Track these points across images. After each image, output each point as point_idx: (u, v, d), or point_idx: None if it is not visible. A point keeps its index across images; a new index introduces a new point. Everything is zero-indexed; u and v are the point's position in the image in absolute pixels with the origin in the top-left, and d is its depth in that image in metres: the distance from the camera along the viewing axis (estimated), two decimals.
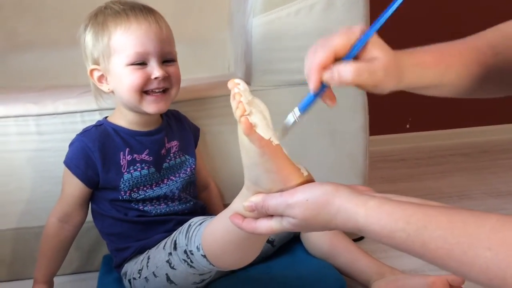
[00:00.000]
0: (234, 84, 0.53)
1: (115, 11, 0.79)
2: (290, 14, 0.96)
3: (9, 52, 1.40)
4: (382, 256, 1.05)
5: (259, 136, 0.52)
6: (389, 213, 0.46)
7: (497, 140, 1.91)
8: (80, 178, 0.82)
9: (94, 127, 0.85)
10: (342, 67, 0.50)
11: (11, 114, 0.95)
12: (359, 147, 1.06)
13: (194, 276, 0.74)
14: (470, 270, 0.41)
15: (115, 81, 0.81)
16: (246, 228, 0.57)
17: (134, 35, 0.77)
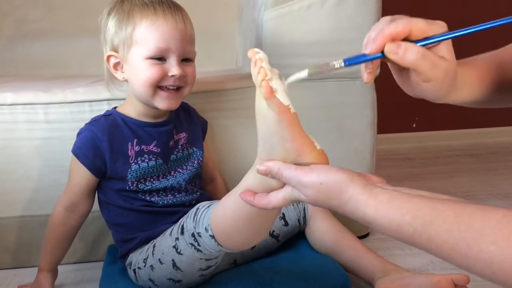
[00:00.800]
0: (254, 52, 0.54)
1: (143, 2, 0.79)
2: (301, 8, 0.95)
3: (19, 40, 1.40)
4: (386, 254, 1.05)
5: (279, 101, 0.52)
6: (397, 207, 0.47)
7: (505, 141, 1.90)
8: (87, 167, 0.82)
9: (103, 117, 0.85)
10: (410, 46, 0.50)
11: (20, 102, 0.95)
12: (366, 144, 1.06)
13: (200, 261, 0.74)
14: (475, 264, 0.42)
15: (131, 72, 0.81)
16: (258, 203, 0.57)
17: (159, 30, 0.77)
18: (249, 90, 0.99)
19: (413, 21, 0.51)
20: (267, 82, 0.51)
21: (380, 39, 0.50)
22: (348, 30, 0.98)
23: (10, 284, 0.97)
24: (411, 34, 0.51)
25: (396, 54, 0.50)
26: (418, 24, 0.51)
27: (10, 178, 0.97)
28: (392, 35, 0.50)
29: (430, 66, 0.50)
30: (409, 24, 0.50)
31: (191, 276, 0.77)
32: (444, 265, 0.98)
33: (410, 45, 0.50)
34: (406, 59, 0.50)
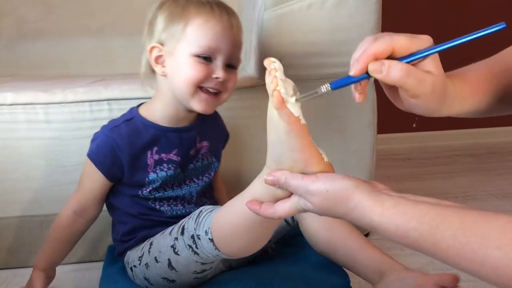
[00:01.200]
0: (270, 62, 0.54)
1: (200, 0, 0.78)
2: (302, 8, 0.95)
3: (19, 40, 1.40)
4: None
5: (289, 111, 0.52)
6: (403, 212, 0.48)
7: (505, 141, 1.90)
8: (104, 173, 0.80)
9: (124, 122, 0.81)
10: (394, 63, 0.50)
11: (20, 102, 0.95)
12: (366, 144, 1.06)
13: (196, 264, 0.74)
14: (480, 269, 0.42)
15: (174, 67, 0.78)
16: (264, 213, 0.58)
17: (212, 29, 0.75)
18: (248, 91, 0.99)
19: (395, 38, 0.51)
20: (278, 92, 0.52)
21: (364, 59, 0.50)
22: (348, 30, 0.98)
23: (10, 284, 0.97)
24: (394, 51, 0.50)
25: (380, 72, 0.50)
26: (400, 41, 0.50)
27: (10, 178, 0.97)
28: (375, 54, 0.50)
29: (416, 83, 0.50)
30: (391, 42, 0.50)
31: (185, 277, 0.76)
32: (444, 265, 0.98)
33: (393, 63, 0.50)
34: (390, 77, 0.50)
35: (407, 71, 0.50)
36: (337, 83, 0.52)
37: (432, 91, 0.52)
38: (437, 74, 0.52)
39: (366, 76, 0.51)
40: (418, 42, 0.51)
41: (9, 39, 1.40)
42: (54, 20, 1.40)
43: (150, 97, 0.97)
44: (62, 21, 1.40)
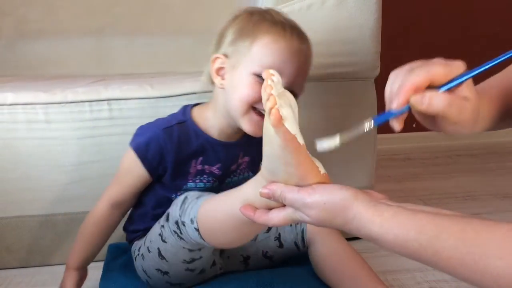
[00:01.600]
0: (268, 75, 0.53)
1: (275, 20, 0.74)
2: (302, 8, 0.95)
3: (19, 40, 1.40)
4: (385, 254, 1.05)
5: (286, 129, 0.51)
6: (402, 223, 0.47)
7: (505, 141, 1.90)
8: (149, 171, 0.78)
9: (176, 124, 0.79)
10: (435, 95, 0.50)
11: (20, 102, 0.95)
12: (367, 144, 1.06)
13: (183, 251, 0.73)
14: (482, 279, 0.42)
15: (232, 82, 0.74)
16: (258, 219, 0.58)
17: (279, 51, 0.71)
18: None
19: (432, 69, 0.51)
20: (277, 110, 0.50)
21: (403, 93, 0.50)
22: (348, 30, 0.98)
23: (10, 284, 0.97)
24: (432, 82, 0.51)
25: (422, 105, 0.50)
26: (437, 71, 0.51)
27: (10, 177, 0.97)
28: (415, 86, 0.50)
29: (457, 111, 0.51)
30: (428, 73, 0.50)
31: (176, 267, 0.76)
32: None
33: (434, 95, 0.50)
34: (433, 108, 0.50)
35: (449, 102, 0.50)
36: (380, 119, 0.53)
37: (471, 116, 0.53)
38: (473, 98, 0.52)
39: (407, 108, 0.51)
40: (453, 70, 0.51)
41: (9, 39, 1.40)
42: (54, 20, 1.40)
43: (150, 97, 0.97)
44: (62, 21, 1.40)
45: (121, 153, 0.97)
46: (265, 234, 0.87)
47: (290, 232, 0.86)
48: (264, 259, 0.87)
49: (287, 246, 0.87)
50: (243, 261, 0.87)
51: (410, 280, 0.94)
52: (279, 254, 0.87)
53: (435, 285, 0.92)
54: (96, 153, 0.97)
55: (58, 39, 1.39)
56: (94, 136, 0.97)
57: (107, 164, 0.98)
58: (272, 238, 0.87)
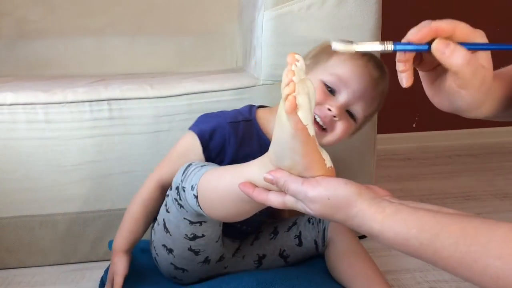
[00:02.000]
0: (293, 59, 0.52)
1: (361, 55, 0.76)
2: (301, 8, 0.95)
3: (19, 40, 1.40)
4: (386, 254, 1.05)
5: (299, 119, 0.51)
6: (403, 220, 0.47)
7: (505, 141, 1.90)
8: (207, 159, 0.79)
9: (242, 121, 0.81)
10: (459, 48, 0.49)
11: (20, 102, 0.95)
12: (367, 144, 1.06)
13: (184, 223, 0.73)
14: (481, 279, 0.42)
15: None
16: (256, 197, 0.57)
17: (354, 67, 0.74)
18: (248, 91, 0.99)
19: (458, 22, 0.50)
20: (294, 97, 0.50)
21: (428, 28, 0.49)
22: (348, 30, 0.98)
23: (10, 284, 0.97)
24: (455, 34, 0.50)
25: (443, 53, 0.49)
26: (462, 26, 0.50)
27: (10, 178, 0.97)
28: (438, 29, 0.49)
29: (472, 73, 0.50)
30: (453, 23, 0.50)
31: (179, 244, 0.76)
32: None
33: (458, 47, 0.49)
34: (451, 60, 0.49)
35: (469, 60, 0.49)
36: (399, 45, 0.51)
37: (481, 84, 0.51)
38: (489, 69, 0.51)
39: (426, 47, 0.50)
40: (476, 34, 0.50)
41: (9, 39, 1.40)
42: (54, 20, 1.40)
43: (150, 97, 0.97)
44: (62, 21, 1.40)
45: (121, 153, 0.98)
46: (285, 233, 0.88)
47: (311, 230, 0.87)
48: (280, 258, 0.87)
49: (306, 244, 0.87)
50: (258, 260, 0.87)
51: (410, 280, 0.94)
52: (296, 254, 0.87)
53: (435, 285, 0.92)
54: (96, 153, 0.97)
55: (58, 39, 1.39)
56: (94, 136, 0.97)
57: (107, 164, 0.98)
58: (292, 236, 0.87)
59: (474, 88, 0.51)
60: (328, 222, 0.86)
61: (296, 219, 0.90)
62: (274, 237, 0.88)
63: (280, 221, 0.92)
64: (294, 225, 0.88)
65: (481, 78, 0.51)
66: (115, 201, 1.00)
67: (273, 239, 0.88)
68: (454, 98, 0.53)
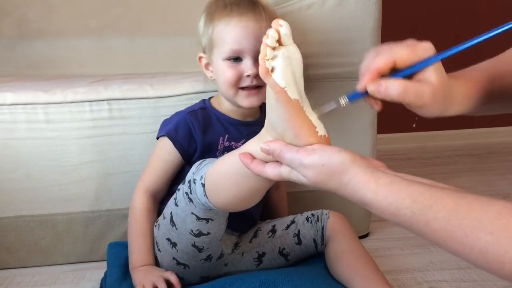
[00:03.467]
0: (276, 24, 0.53)
1: (225, 4, 0.81)
2: (301, 8, 0.95)
3: (19, 39, 1.40)
4: (386, 254, 1.05)
5: (274, 82, 0.53)
6: (397, 190, 0.48)
7: (505, 141, 1.90)
8: (181, 153, 0.84)
9: (199, 109, 0.87)
10: (390, 82, 0.52)
11: (20, 102, 0.95)
12: (367, 144, 1.06)
13: (191, 218, 0.73)
14: (469, 252, 0.42)
15: (215, 73, 0.84)
16: (254, 169, 0.58)
17: (232, 32, 0.79)
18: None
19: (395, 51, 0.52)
20: (263, 61, 0.52)
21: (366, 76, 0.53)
22: (348, 30, 0.98)
23: (10, 284, 0.97)
24: (396, 63, 0.52)
25: (379, 93, 0.52)
26: (400, 53, 0.52)
27: (10, 178, 0.97)
28: (378, 69, 0.52)
29: (415, 97, 0.52)
30: (391, 56, 0.52)
31: (184, 239, 0.76)
32: (444, 265, 0.98)
33: (389, 82, 0.52)
34: (389, 96, 0.52)
35: (404, 89, 0.52)
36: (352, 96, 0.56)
37: (433, 99, 0.53)
38: (437, 81, 0.53)
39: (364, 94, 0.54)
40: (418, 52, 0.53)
41: (9, 39, 1.40)
42: (54, 20, 1.40)
43: (150, 97, 0.98)
44: (62, 21, 1.40)
45: (121, 153, 0.98)
46: (283, 231, 0.88)
47: (310, 228, 0.87)
48: (280, 256, 0.87)
49: (306, 243, 0.87)
50: (257, 258, 0.87)
51: (410, 280, 0.94)
52: (296, 252, 0.88)
53: (435, 285, 0.92)
54: (96, 153, 0.97)
55: (58, 39, 1.39)
56: (94, 136, 0.97)
57: (107, 164, 0.98)
58: (291, 234, 0.88)
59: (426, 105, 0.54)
60: (326, 220, 0.86)
61: (294, 217, 0.90)
62: (273, 235, 0.88)
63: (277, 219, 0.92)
64: (293, 224, 0.89)
65: (427, 96, 0.53)
66: (115, 201, 1.00)
67: (272, 237, 0.88)
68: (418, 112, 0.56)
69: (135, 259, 0.81)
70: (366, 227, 1.13)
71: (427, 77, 0.53)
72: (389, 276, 0.95)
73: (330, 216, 0.87)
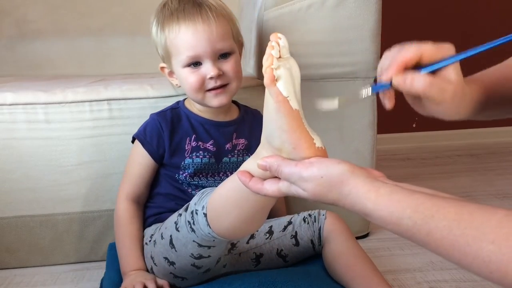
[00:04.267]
0: (275, 37, 0.55)
1: (171, 11, 0.82)
2: (301, 8, 0.95)
3: (19, 40, 1.40)
4: (386, 254, 1.05)
5: (278, 90, 0.53)
6: (398, 200, 0.47)
7: (505, 141, 1.90)
8: (151, 154, 0.85)
9: (170, 109, 0.88)
10: (417, 76, 0.52)
11: (20, 102, 0.95)
12: (366, 144, 1.06)
13: (193, 245, 0.73)
14: (472, 262, 0.41)
15: (179, 80, 0.85)
16: (252, 187, 0.57)
17: (184, 39, 0.79)
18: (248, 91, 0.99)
19: (422, 46, 0.53)
20: (271, 69, 0.52)
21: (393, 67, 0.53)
22: (348, 30, 0.98)
23: (10, 284, 0.97)
24: (422, 59, 0.53)
25: (405, 85, 0.52)
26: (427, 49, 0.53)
27: (10, 178, 0.97)
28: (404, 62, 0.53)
29: (438, 92, 0.53)
30: (418, 51, 0.53)
31: (183, 260, 0.76)
32: (444, 265, 0.98)
33: (416, 76, 0.52)
34: (414, 89, 0.52)
35: (430, 83, 0.52)
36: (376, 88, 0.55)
37: (453, 98, 0.54)
38: (457, 82, 0.54)
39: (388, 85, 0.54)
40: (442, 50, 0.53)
41: (9, 39, 1.40)
42: (54, 20, 1.40)
43: (150, 97, 0.98)
44: (62, 21, 1.40)
45: (121, 153, 0.98)
46: (281, 232, 0.88)
47: (307, 229, 0.87)
48: (278, 258, 0.87)
49: (303, 244, 0.87)
50: (255, 259, 0.87)
51: (410, 280, 0.94)
52: (294, 253, 0.87)
53: (435, 285, 0.92)
54: (96, 153, 0.98)
55: (58, 39, 1.39)
56: (94, 136, 0.97)
57: (107, 164, 0.98)
58: (288, 236, 0.87)
59: (445, 103, 0.54)
60: (323, 221, 0.86)
61: (291, 218, 0.89)
62: (270, 236, 0.87)
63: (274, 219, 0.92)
64: (290, 225, 0.88)
65: (449, 93, 0.54)
66: (115, 201, 1.00)
67: (269, 239, 0.87)
68: (431, 112, 0.57)
69: (125, 265, 0.82)
70: (366, 227, 1.13)
71: (449, 76, 0.53)
72: (389, 276, 0.95)
73: (327, 217, 0.87)
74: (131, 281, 0.78)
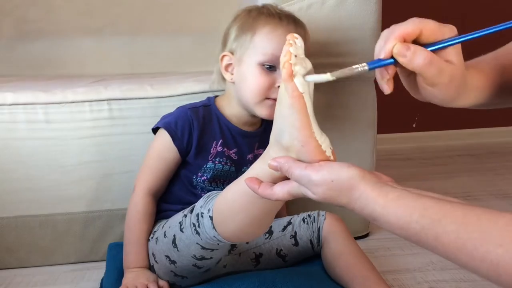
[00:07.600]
0: (292, 37, 0.55)
1: (271, 12, 0.82)
2: (302, 8, 0.95)
3: (18, 40, 1.40)
4: (386, 254, 1.05)
5: (294, 85, 0.53)
6: (406, 205, 0.47)
7: (505, 141, 1.90)
8: (179, 149, 0.82)
9: (202, 106, 0.86)
10: (419, 49, 0.50)
11: (20, 102, 0.95)
12: (367, 144, 1.06)
13: (196, 247, 0.73)
14: (480, 265, 0.42)
15: (241, 75, 0.81)
16: (262, 193, 0.57)
17: (278, 38, 0.78)
18: None
19: (424, 21, 0.51)
20: (290, 64, 0.52)
21: (392, 39, 0.50)
22: (348, 30, 0.98)
23: (10, 284, 0.97)
24: (422, 34, 0.51)
25: (405, 56, 0.50)
26: (429, 25, 0.51)
27: (10, 178, 0.97)
28: (404, 34, 0.50)
29: (436, 72, 0.51)
30: (419, 24, 0.51)
31: (184, 260, 0.76)
32: (444, 265, 0.98)
33: (418, 49, 0.50)
34: (413, 63, 0.50)
35: (430, 59, 0.50)
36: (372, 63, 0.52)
37: (450, 81, 0.52)
38: (457, 64, 0.52)
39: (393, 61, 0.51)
40: (444, 30, 0.51)
41: (9, 39, 1.40)
42: (54, 20, 1.40)
43: (150, 97, 0.98)
44: (62, 21, 1.40)
45: (121, 153, 0.98)
46: (280, 232, 0.88)
47: (306, 230, 0.87)
48: (277, 257, 0.87)
49: (302, 244, 0.87)
50: (255, 259, 0.87)
51: (410, 280, 0.94)
52: (293, 253, 0.88)
53: (435, 285, 0.92)
54: (96, 153, 0.98)
55: (58, 39, 1.39)
56: (94, 136, 0.97)
57: (107, 164, 0.98)
58: (287, 236, 0.88)
59: (442, 85, 0.52)
60: (322, 222, 0.86)
61: (291, 218, 0.90)
62: (269, 236, 0.88)
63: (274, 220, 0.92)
64: (289, 225, 0.88)
65: (448, 75, 0.52)
66: (115, 201, 1.00)
67: (269, 239, 0.88)
68: (425, 94, 0.54)
69: (129, 261, 0.81)
70: (366, 227, 1.13)
71: (449, 57, 0.52)
72: (389, 276, 0.95)
73: (326, 218, 0.87)
74: (133, 280, 0.78)
